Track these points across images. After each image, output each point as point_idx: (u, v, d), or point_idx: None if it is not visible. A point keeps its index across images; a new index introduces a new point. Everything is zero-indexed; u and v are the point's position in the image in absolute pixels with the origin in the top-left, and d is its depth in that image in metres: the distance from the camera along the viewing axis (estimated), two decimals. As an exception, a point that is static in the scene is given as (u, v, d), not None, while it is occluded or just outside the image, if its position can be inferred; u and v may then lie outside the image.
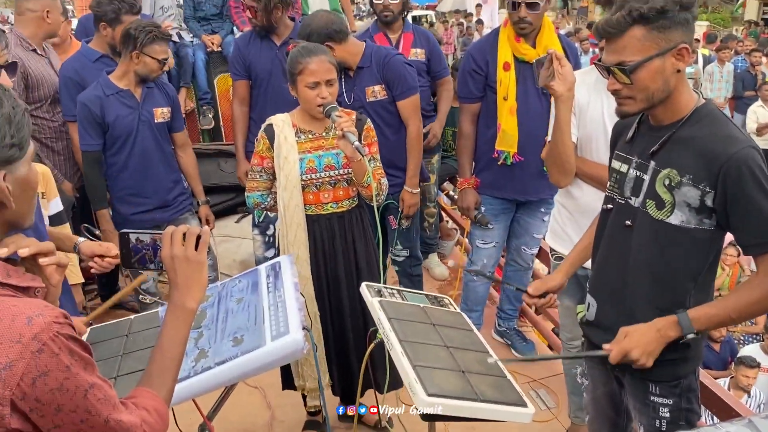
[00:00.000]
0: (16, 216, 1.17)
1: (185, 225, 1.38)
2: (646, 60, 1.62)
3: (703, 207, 1.65)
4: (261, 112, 3.68)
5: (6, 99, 1.11)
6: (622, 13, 1.61)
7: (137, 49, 2.98)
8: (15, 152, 1.11)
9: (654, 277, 1.77)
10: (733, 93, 9.73)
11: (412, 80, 3.13)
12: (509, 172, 3.14)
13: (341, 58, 3.05)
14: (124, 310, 3.97)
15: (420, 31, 3.87)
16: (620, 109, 1.74)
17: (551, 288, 2.10)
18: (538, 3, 2.85)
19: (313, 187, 2.55)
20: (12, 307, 1.02)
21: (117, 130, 3.08)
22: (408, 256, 3.52)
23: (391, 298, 1.93)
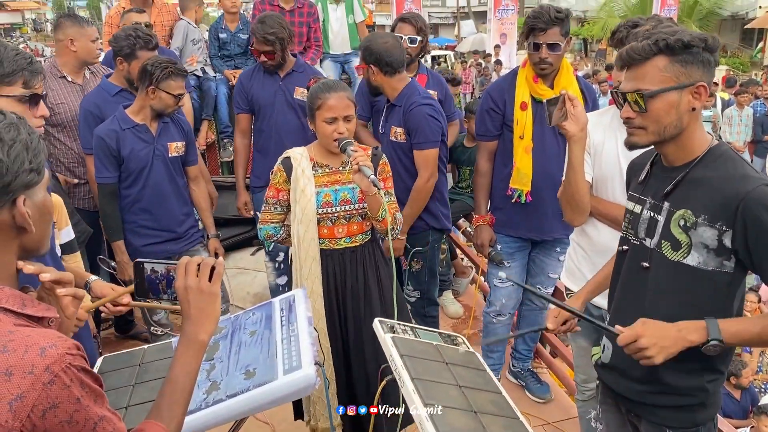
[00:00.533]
0: (34, 241, 1.18)
1: (200, 256, 1.38)
2: (663, 90, 1.64)
3: (722, 248, 1.63)
4: (264, 143, 3.75)
5: (22, 126, 1.14)
6: (648, 41, 1.64)
7: (153, 84, 3.04)
8: (34, 177, 1.14)
9: (671, 320, 1.75)
10: (752, 137, 9.69)
11: (432, 134, 3.09)
12: (524, 210, 3.14)
13: (380, 86, 3.16)
14: (137, 340, 4.00)
15: (434, 74, 3.93)
16: (630, 139, 1.75)
17: (568, 315, 2.07)
18: (559, 44, 2.88)
19: (328, 221, 2.56)
20: (26, 337, 1.03)
21: (131, 164, 3.12)
22: (420, 297, 3.49)
23: (404, 335, 1.92)
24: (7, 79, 1.82)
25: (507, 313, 3.40)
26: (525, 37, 2.94)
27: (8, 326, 1.05)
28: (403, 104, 3.13)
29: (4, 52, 1.82)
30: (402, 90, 3.16)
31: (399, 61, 3.12)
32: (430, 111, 3.10)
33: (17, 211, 1.12)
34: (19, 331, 1.04)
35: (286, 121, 3.74)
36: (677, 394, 1.75)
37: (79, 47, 3.62)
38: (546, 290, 3.43)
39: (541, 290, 3.34)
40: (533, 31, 2.87)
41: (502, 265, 3.28)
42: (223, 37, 5.24)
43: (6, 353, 1.00)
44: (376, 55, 3.07)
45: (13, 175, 1.10)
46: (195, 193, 3.45)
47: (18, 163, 1.10)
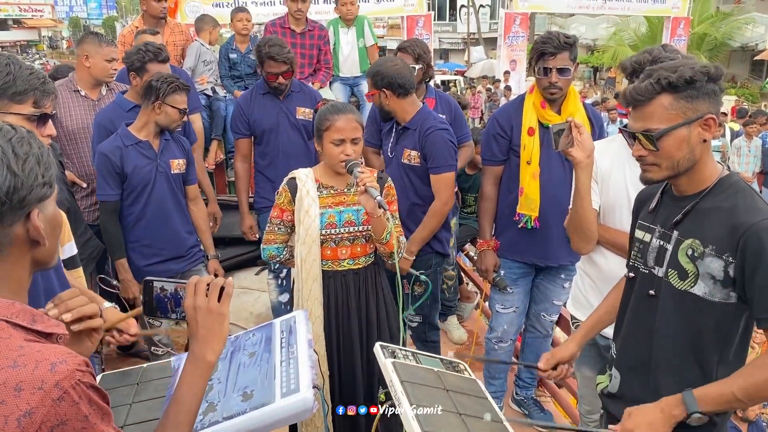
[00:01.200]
0: (45, 255, 1.18)
1: (209, 276, 1.38)
2: (672, 128, 1.62)
3: (728, 279, 1.62)
4: (271, 166, 3.77)
5: (33, 140, 1.15)
6: (650, 80, 1.63)
7: (159, 99, 3.06)
8: (47, 190, 1.15)
9: (679, 349, 1.73)
10: (761, 168, 9.66)
11: (450, 158, 3.11)
12: (529, 236, 3.12)
13: (393, 110, 3.16)
14: (138, 358, 3.97)
15: (443, 97, 3.92)
16: (644, 175, 1.74)
17: (562, 359, 2.06)
18: (569, 68, 2.89)
19: (331, 243, 2.55)
20: (36, 352, 1.02)
21: (135, 180, 3.12)
22: (421, 322, 3.46)
23: (405, 360, 1.90)
24: (18, 97, 1.83)
25: (509, 339, 3.37)
26: (533, 62, 2.94)
27: (19, 341, 1.05)
28: (418, 128, 3.12)
29: (18, 71, 1.83)
30: (416, 114, 3.16)
31: (410, 82, 3.14)
32: (448, 136, 3.11)
33: (31, 225, 1.12)
34: (30, 347, 1.04)
35: (291, 142, 3.76)
36: (684, 426, 1.72)
37: (93, 64, 3.67)
38: (550, 317, 3.40)
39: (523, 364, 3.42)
40: (543, 56, 2.88)
41: (506, 291, 3.25)
42: (234, 57, 5.30)
43: (17, 368, 0.99)
44: (388, 78, 3.08)
45: (28, 189, 1.10)
46: (194, 213, 3.44)
47: (32, 177, 1.11)
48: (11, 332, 1.06)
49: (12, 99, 1.82)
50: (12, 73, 1.80)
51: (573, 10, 17.43)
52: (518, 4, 14.74)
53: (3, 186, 1.07)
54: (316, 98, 3.91)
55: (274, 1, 10.89)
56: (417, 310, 3.40)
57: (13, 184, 1.08)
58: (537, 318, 3.40)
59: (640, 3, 15.57)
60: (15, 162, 1.09)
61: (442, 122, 3.20)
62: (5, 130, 1.12)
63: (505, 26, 14.96)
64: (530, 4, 14.89)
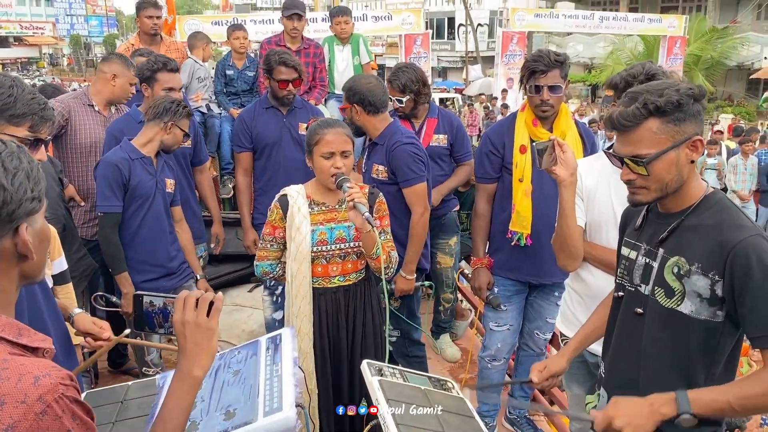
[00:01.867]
0: (33, 268, 1.19)
1: (199, 291, 1.37)
2: (662, 153, 1.62)
3: (714, 298, 1.61)
4: (271, 180, 3.76)
5: (23, 155, 1.15)
6: (637, 105, 1.62)
7: (173, 120, 3.13)
8: (36, 205, 1.15)
9: (667, 367, 1.72)
10: (757, 186, 9.67)
11: (417, 169, 3.11)
12: (523, 253, 3.11)
13: (362, 125, 3.18)
14: (129, 375, 3.94)
15: (445, 116, 3.89)
16: (633, 198, 1.74)
17: (554, 372, 2.05)
18: (560, 86, 2.90)
19: (322, 260, 2.54)
20: (20, 366, 1.02)
21: (137, 194, 3.13)
22: (400, 336, 3.42)
23: (392, 378, 1.88)
24: (15, 119, 1.85)
25: (502, 357, 3.34)
26: (525, 80, 2.95)
27: (3, 354, 1.05)
28: (385, 143, 3.15)
29: (21, 94, 1.85)
30: (384, 129, 3.19)
31: (382, 101, 3.16)
32: (413, 149, 3.12)
33: (20, 239, 1.13)
34: (14, 360, 1.04)
35: (293, 157, 3.76)
36: None
37: (119, 84, 3.74)
38: (544, 335, 3.38)
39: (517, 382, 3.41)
40: (534, 74, 2.88)
41: (499, 309, 3.24)
42: (230, 74, 5.32)
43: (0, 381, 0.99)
44: (360, 95, 3.12)
45: (17, 203, 1.11)
46: (180, 235, 3.43)
47: (21, 191, 1.12)
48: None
49: (9, 120, 1.83)
50: (14, 96, 1.82)
51: (570, 29, 17.58)
52: (515, 23, 14.86)
53: None
54: (317, 115, 3.91)
55: (273, 19, 10.98)
56: (394, 324, 3.37)
57: (2, 199, 1.09)
58: (530, 336, 3.38)
59: (636, 22, 15.73)
60: (4, 176, 1.10)
61: (410, 137, 3.22)
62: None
63: (503, 45, 15.06)
64: (527, 23, 15.02)
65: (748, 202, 9.51)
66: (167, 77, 3.52)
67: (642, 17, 16.12)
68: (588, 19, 15.57)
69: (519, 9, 15.99)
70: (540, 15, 15.83)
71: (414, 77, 3.65)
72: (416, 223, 3.14)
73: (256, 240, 3.89)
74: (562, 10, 18.53)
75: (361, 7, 36.25)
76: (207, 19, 11.37)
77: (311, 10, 13.22)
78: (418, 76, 3.67)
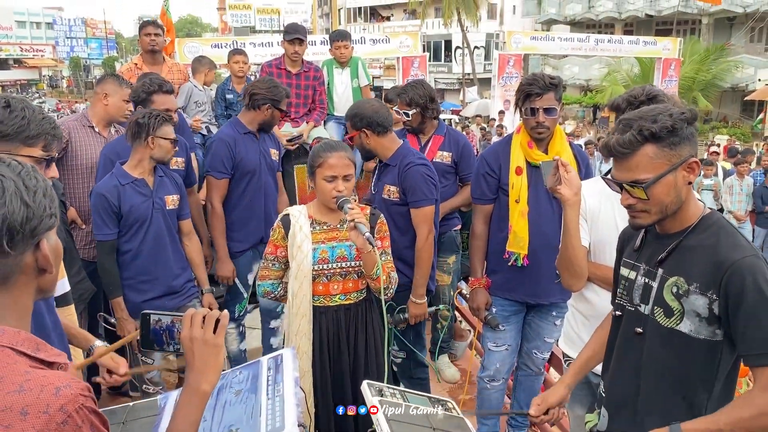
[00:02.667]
0: (49, 282, 1.23)
1: (205, 308, 1.40)
2: (660, 177, 1.65)
3: (712, 317, 1.63)
4: (251, 206, 3.75)
5: (38, 174, 1.20)
6: (633, 132, 1.65)
7: (152, 134, 3.07)
8: (53, 221, 1.20)
9: (667, 387, 1.73)
10: (752, 207, 9.72)
11: (429, 192, 3.14)
12: (520, 274, 3.13)
13: (373, 149, 3.21)
14: (128, 397, 3.92)
15: (452, 135, 3.93)
16: (634, 221, 1.77)
17: (552, 404, 2.05)
18: (555, 108, 2.94)
19: (323, 278, 2.57)
20: (42, 377, 1.05)
21: (132, 218, 3.12)
22: (405, 358, 3.43)
23: (393, 399, 1.89)
24: (30, 140, 1.89)
25: (501, 378, 3.35)
26: (520, 103, 2.99)
27: (25, 367, 1.08)
28: (398, 164, 3.17)
29: (32, 115, 1.90)
30: (396, 150, 3.22)
31: (388, 120, 3.20)
32: (426, 170, 3.15)
33: (40, 254, 1.17)
34: (35, 372, 1.07)
35: (269, 183, 3.80)
36: None
37: (111, 103, 3.77)
38: (542, 355, 3.38)
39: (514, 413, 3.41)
40: (529, 97, 2.93)
41: (498, 329, 3.25)
42: (230, 97, 5.37)
43: (22, 393, 1.02)
44: (367, 119, 3.14)
45: (39, 219, 1.15)
46: (188, 248, 3.44)
47: (42, 208, 1.16)
48: (17, 359, 1.09)
49: (24, 142, 1.88)
50: (27, 118, 1.87)
51: (565, 52, 17.78)
52: (512, 45, 15.03)
53: (18, 217, 1.12)
54: (277, 140, 4.02)
55: (272, 42, 11.11)
56: (400, 345, 3.38)
57: (26, 215, 1.13)
58: (529, 356, 3.39)
59: (631, 45, 15.93)
60: (27, 194, 1.14)
61: (422, 158, 3.26)
62: (14, 165, 1.17)
63: (499, 67, 15.23)
64: (523, 46, 15.20)
65: (745, 223, 9.55)
66: (162, 99, 3.52)
67: (637, 40, 16.33)
68: (584, 42, 15.77)
69: (515, 32, 16.18)
70: (536, 38, 16.04)
71: (422, 92, 3.73)
72: (422, 246, 3.15)
73: (234, 271, 3.77)
74: (558, 33, 18.78)
75: (359, 30, 36.64)
76: (206, 42, 11.48)
77: (309, 33, 13.36)
78: (426, 92, 3.75)
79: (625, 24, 32.32)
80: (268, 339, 3.92)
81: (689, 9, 26.86)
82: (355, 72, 5.48)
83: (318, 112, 5.21)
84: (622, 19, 31.73)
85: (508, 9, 37.88)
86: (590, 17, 32.85)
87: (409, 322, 3.27)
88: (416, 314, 3.24)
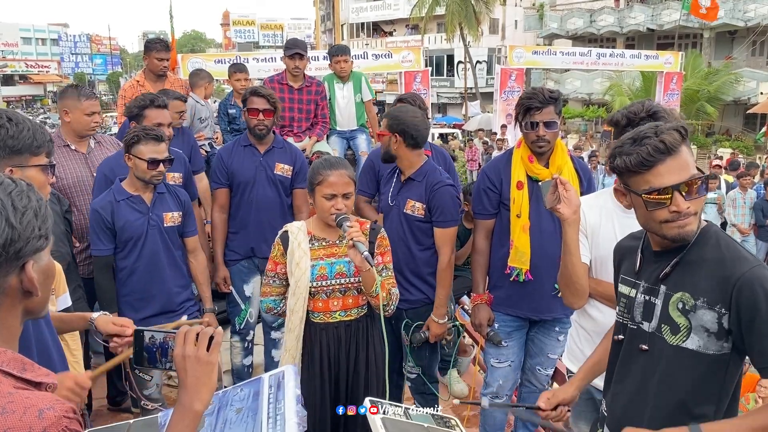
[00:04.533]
0: (37, 304, 1.21)
1: (199, 326, 1.38)
2: (711, 176, 1.66)
3: (722, 331, 1.62)
4: (244, 218, 3.78)
5: (32, 193, 1.18)
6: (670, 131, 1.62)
7: (128, 152, 3.02)
8: (42, 242, 1.17)
9: (673, 404, 1.71)
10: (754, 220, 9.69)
11: (456, 213, 3.20)
12: (522, 289, 3.11)
13: (399, 157, 3.22)
14: (129, 413, 3.90)
15: (437, 150, 4.01)
16: (682, 231, 1.66)
17: (563, 400, 2.04)
18: (555, 122, 2.95)
19: (322, 294, 2.56)
20: (25, 399, 1.04)
21: (126, 234, 3.10)
22: (420, 374, 3.43)
23: (395, 416, 1.88)
24: (36, 150, 1.94)
25: (504, 394, 3.32)
26: (520, 117, 2.99)
27: (8, 388, 1.06)
28: (424, 181, 3.18)
29: (33, 126, 1.94)
30: (422, 166, 3.22)
31: (423, 138, 3.20)
32: (455, 192, 3.20)
33: (26, 276, 1.15)
34: (19, 393, 1.05)
35: (266, 196, 3.78)
36: None
37: (73, 119, 3.63)
38: (546, 371, 3.36)
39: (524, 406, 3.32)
40: (529, 111, 2.93)
41: (500, 345, 3.23)
42: (233, 112, 5.40)
43: (5, 414, 1.00)
44: (404, 126, 3.13)
45: (25, 241, 1.13)
46: (193, 265, 3.41)
47: (29, 230, 1.14)
48: (1, 379, 1.08)
49: (32, 152, 1.94)
50: (30, 129, 1.92)
51: (567, 66, 17.85)
52: (514, 60, 15.09)
53: (0, 238, 1.10)
54: (297, 156, 3.93)
55: (275, 57, 11.16)
56: (416, 361, 3.37)
57: (10, 237, 1.11)
58: (532, 372, 3.37)
59: (633, 59, 15.97)
60: (13, 215, 1.12)
61: (449, 178, 3.27)
62: (6, 183, 1.15)
63: (501, 81, 15.27)
64: (525, 60, 15.25)
65: (749, 236, 9.52)
66: (155, 113, 3.48)
67: (639, 54, 16.37)
68: (585, 56, 15.82)
69: (517, 46, 16.24)
70: (538, 52, 16.08)
71: (424, 104, 3.82)
72: (445, 267, 3.19)
73: (227, 278, 3.84)
74: (559, 48, 18.85)
75: (362, 45, 36.85)
76: (210, 58, 11.54)
77: (312, 48, 13.45)
78: (426, 106, 3.86)
79: (627, 38, 32.46)
80: (270, 351, 3.91)
81: (690, 23, 26.95)
82: (358, 87, 5.51)
83: (320, 126, 5.23)
84: (624, 33, 31.88)
85: (510, 24, 38.09)
86: (592, 31, 33.01)
87: (429, 341, 3.28)
88: (437, 333, 3.25)
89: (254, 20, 53.94)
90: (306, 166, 3.93)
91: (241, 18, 54.32)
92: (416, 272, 3.24)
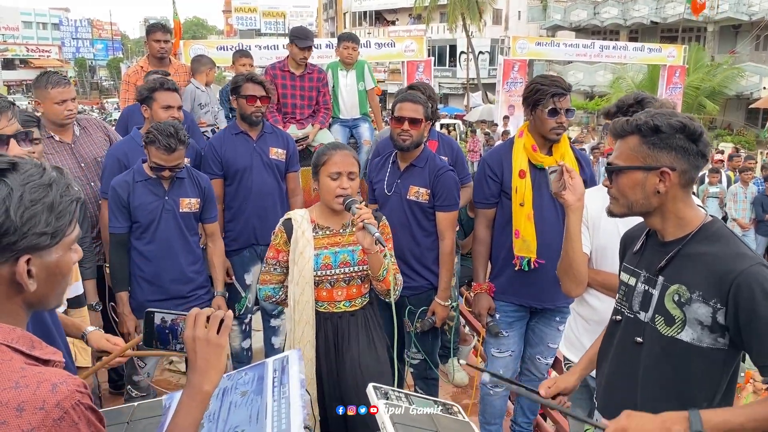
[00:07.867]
0: (36, 298, 1.18)
1: (209, 308, 1.39)
2: (626, 168, 1.71)
3: (715, 325, 1.63)
4: (241, 205, 3.76)
5: (56, 186, 1.15)
6: (626, 120, 1.72)
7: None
8: (45, 240, 1.13)
9: (666, 397, 1.72)
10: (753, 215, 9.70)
11: (457, 197, 3.28)
12: (525, 278, 3.12)
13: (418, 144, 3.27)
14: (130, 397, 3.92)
15: (445, 140, 4.00)
16: (607, 206, 1.85)
17: (564, 390, 2.05)
18: (573, 110, 3.01)
19: (327, 284, 2.55)
20: (38, 374, 1.05)
21: (139, 216, 3.11)
22: (423, 359, 3.45)
23: (398, 402, 1.89)
24: None
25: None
26: (533, 104, 2.96)
27: (20, 364, 1.07)
28: (426, 167, 3.23)
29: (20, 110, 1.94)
30: (421, 153, 3.28)
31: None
32: (456, 177, 3.29)
33: (17, 269, 1.11)
34: (31, 369, 1.07)
35: (264, 182, 3.78)
36: None
37: (45, 109, 3.49)
38: (546, 360, 3.37)
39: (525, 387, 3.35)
40: (553, 97, 2.90)
41: (499, 336, 3.23)
42: (236, 99, 5.37)
43: (18, 389, 1.02)
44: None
45: (20, 236, 1.09)
46: (210, 249, 3.41)
47: (29, 225, 1.10)
48: (12, 355, 1.09)
49: None
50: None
51: (570, 58, 17.79)
52: (517, 51, 15.05)
53: None
54: (288, 140, 3.94)
55: (277, 44, 11.13)
56: (421, 345, 3.39)
57: (4, 228, 1.08)
58: (532, 361, 3.38)
59: (636, 51, 15.94)
60: (16, 207, 1.08)
61: (447, 163, 3.36)
62: (30, 173, 1.12)
63: (504, 72, 15.26)
64: (528, 51, 15.22)
65: (749, 231, 9.52)
66: (165, 96, 3.45)
67: (642, 46, 16.34)
68: (588, 48, 15.78)
69: (520, 37, 16.19)
70: (541, 44, 16.05)
71: (434, 93, 3.84)
72: (449, 251, 3.25)
73: (229, 269, 3.79)
74: (562, 39, 18.77)
75: (364, 34, 36.70)
76: (212, 44, 11.51)
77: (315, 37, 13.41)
78: (435, 95, 3.85)
79: (630, 31, 32.32)
80: (270, 338, 3.93)
81: (694, 16, 26.86)
82: (361, 75, 5.50)
83: (323, 113, 5.22)
84: (627, 25, 31.75)
85: (513, 15, 37.93)
86: (595, 24, 32.87)
87: (435, 324, 3.32)
88: (442, 316, 3.31)
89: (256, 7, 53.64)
90: (296, 150, 3.98)
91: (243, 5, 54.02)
92: (419, 258, 3.27)
